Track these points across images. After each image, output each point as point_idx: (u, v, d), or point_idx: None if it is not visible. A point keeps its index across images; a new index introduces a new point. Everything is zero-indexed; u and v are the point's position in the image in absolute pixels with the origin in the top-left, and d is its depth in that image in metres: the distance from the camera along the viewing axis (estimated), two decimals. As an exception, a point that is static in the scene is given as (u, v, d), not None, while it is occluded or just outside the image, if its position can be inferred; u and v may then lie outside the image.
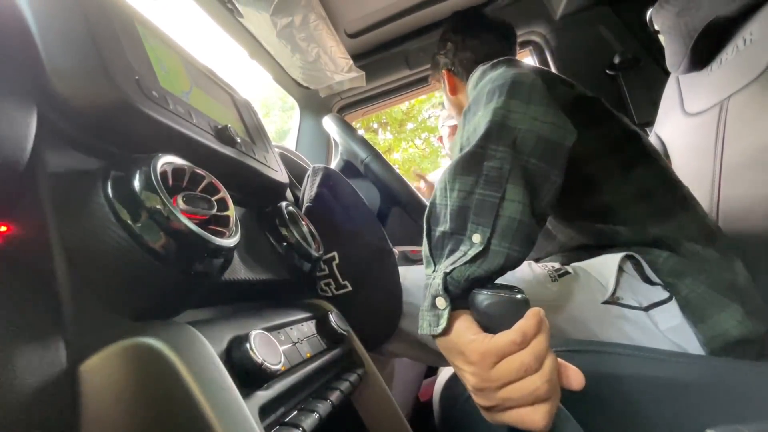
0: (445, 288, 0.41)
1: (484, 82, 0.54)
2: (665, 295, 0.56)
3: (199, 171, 0.35)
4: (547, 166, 0.45)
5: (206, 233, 0.31)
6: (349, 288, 0.61)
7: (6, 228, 0.25)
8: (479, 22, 0.94)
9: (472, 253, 0.41)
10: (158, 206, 0.28)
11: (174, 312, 0.32)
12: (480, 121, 0.48)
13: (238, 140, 0.45)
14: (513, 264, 0.42)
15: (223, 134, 0.43)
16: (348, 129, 0.86)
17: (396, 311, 0.62)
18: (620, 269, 0.58)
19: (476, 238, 0.42)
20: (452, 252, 0.43)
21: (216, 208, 0.34)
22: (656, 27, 0.96)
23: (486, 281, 0.42)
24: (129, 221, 0.27)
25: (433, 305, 0.41)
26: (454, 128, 1.98)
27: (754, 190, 0.71)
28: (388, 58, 1.36)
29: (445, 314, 0.40)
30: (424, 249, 0.46)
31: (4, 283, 0.24)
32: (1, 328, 0.23)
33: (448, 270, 0.41)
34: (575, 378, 0.36)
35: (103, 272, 0.27)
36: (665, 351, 0.52)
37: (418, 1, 1.20)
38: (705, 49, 0.84)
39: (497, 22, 0.95)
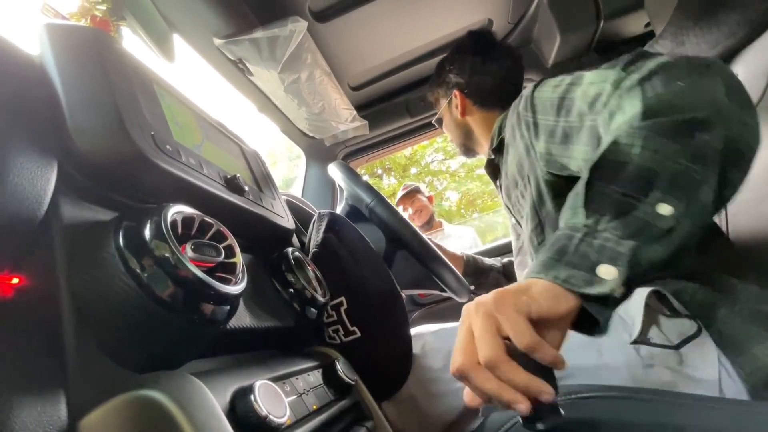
0: (630, 263, 0.34)
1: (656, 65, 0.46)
2: (694, 327, 0.53)
3: (207, 219, 0.36)
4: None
5: (213, 280, 0.31)
6: (358, 334, 0.59)
7: (18, 280, 0.26)
8: (497, 46, 0.92)
9: (663, 226, 0.34)
10: (167, 254, 0.29)
11: (178, 362, 0.32)
12: (689, 91, 0.41)
13: (246, 189, 0.47)
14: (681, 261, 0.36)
15: (232, 183, 0.44)
16: (352, 174, 0.88)
17: (407, 357, 0.60)
18: (647, 305, 0.55)
19: (665, 209, 0.35)
20: (621, 215, 0.36)
21: (223, 255, 0.35)
22: (644, 71, 1.01)
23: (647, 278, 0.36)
24: (138, 270, 0.28)
25: (592, 266, 0.34)
26: None
27: (763, 223, 0.70)
28: (390, 108, 1.43)
29: (611, 286, 0.33)
30: (578, 198, 0.39)
31: (11, 335, 0.24)
32: (3, 381, 0.22)
33: (634, 246, 0.34)
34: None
35: (110, 323, 0.27)
36: (692, 395, 0.49)
37: (416, 56, 1.28)
38: None
39: (512, 49, 0.94)
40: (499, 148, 0.84)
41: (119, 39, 0.65)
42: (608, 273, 0.34)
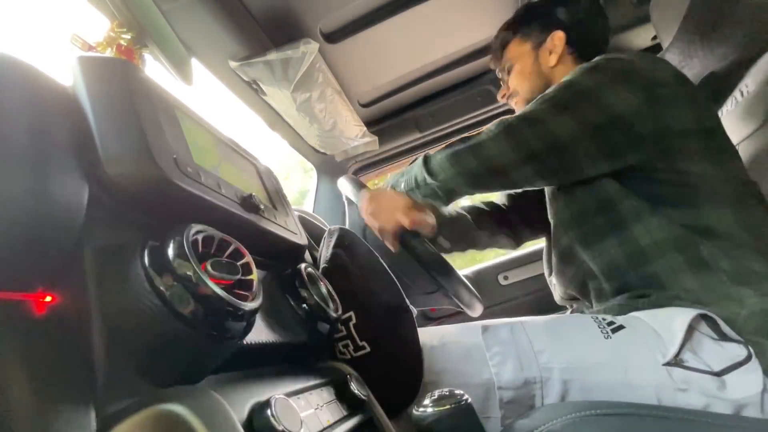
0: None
1: None
2: (744, 353, 0.50)
3: (226, 238, 0.37)
4: None
5: (232, 297, 0.32)
6: (368, 349, 0.60)
7: (51, 298, 0.28)
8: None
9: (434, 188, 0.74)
10: (189, 273, 0.30)
11: (198, 377, 0.33)
12: None
13: (262, 207, 0.48)
14: None
15: (247, 202, 0.46)
16: (358, 185, 0.89)
17: (417, 373, 0.60)
18: (690, 327, 0.52)
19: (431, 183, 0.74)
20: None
21: (241, 272, 0.36)
22: (654, 83, 1.01)
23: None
24: (162, 288, 0.29)
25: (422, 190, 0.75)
26: None
27: None
28: (399, 124, 1.45)
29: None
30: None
31: (45, 351, 0.26)
32: (36, 396, 0.24)
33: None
34: None
35: (136, 339, 0.29)
36: (732, 416, 0.46)
37: (424, 73, 1.31)
38: None
39: None
40: None
41: (142, 65, 0.69)
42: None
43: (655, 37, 1.21)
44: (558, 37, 0.79)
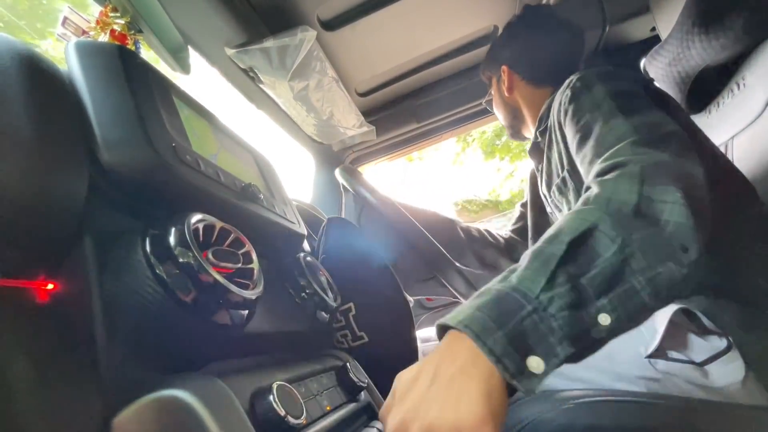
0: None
1: None
2: (724, 344, 0.51)
3: (226, 227, 0.37)
4: None
5: (233, 285, 0.32)
6: (366, 339, 0.61)
7: (53, 286, 0.28)
8: (553, 20, 0.88)
9: (596, 336, 0.33)
10: (191, 261, 0.30)
11: (201, 364, 0.33)
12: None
13: (261, 196, 0.48)
14: None
15: (247, 191, 0.46)
16: (354, 174, 0.89)
17: (412, 363, 0.61)
18: (671, 321, 0.53)
19: (604, 320, 0.33)
20: (572, 308, 0.33)
21: (241, 261, 0.36)
22: (651, 75, 1.01)
23: None
24: (164, 275, 0.29)
25: (526, 352, 0.32)
26: None
27: None
28: (397, 113, 1.44)
29: (535, 384, 0.31)
30: (546, 266, 0.35)
31: (49, 339, 0.26)
32: (42, 382, 0.24)
33: (568, 353, 0.33)
34: None
35: (139, 326, 0.29)
36: (713, 402, 0.48)
37: (422, 63, 1.30)
38: (700, 94, 0.88)
39: (571, 23, 0.88)
40: (545, 130, 0.80)
41: (137, 52, 0.68)
42: (537, 366, 0.32)
43: (653, 29, 1.20)
44: (503, 71, 0.90)
